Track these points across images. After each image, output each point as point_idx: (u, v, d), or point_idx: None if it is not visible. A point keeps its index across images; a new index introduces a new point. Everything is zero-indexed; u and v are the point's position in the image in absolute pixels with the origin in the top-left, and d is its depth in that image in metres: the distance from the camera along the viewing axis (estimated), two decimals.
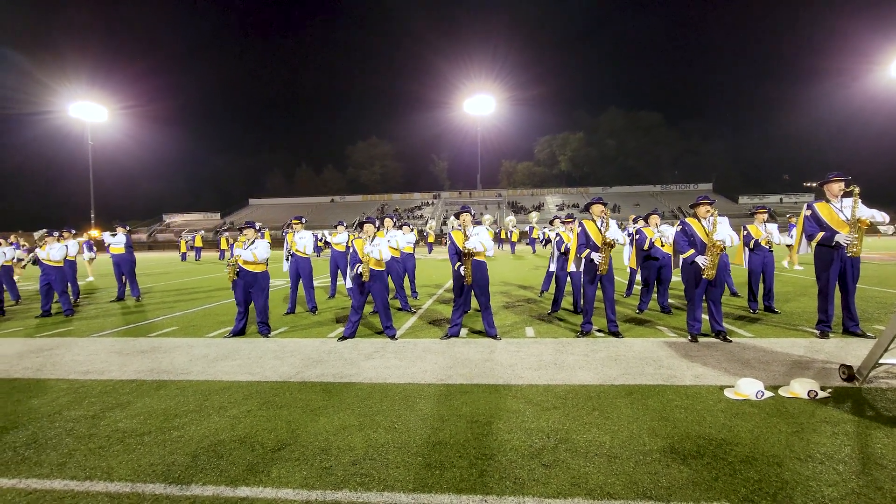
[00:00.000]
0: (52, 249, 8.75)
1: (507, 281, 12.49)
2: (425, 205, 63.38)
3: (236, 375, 4.72)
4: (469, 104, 63.65)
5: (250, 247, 6.32)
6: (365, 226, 6.20)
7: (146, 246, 51.69)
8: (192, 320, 7.85)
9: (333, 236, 9.28)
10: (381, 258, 6.05)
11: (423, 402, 3.89)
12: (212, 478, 2.75)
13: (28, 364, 5.36)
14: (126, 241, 10.42)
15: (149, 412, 3.80)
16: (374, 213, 60.03)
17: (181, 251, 27.49)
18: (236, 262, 6.28)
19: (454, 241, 6.07)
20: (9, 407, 4.02)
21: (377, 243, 6.08)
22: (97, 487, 2.68)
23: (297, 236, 8.33)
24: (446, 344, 5.81)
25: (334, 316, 7.95)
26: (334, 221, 10.19)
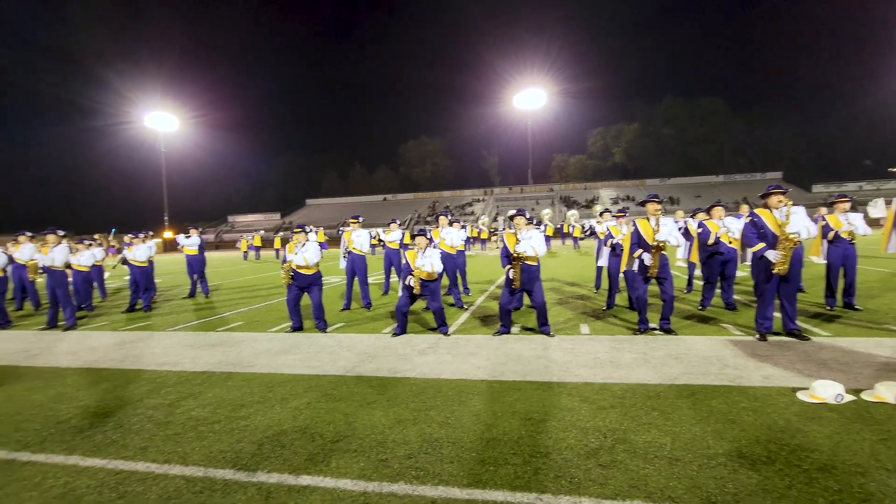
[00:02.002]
0: (137, 250, 9.48)
1: (558, 277, 12.25)
2: (476, 201, 63.25)
3: (297, 369, 4.92)
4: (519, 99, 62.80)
5: (301, 251, 6.53)
6: (416, 238, 6.25)
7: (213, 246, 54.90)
8: (255, 316, 8.26)
9: (387, 234, 9.46)
10: (432, 271, 6.10)
11: (475, 398, 3.89)
12: (276, 466, 2.88)
13: (114, 355, 5.84)
14: (199, 243, 11.08)
15: (218, 402, 4.03)
16: (427, 210, 60.61)
17: (243, 251, 28.92)
18: (290, 267, 6.52)
19: (506, 243, 6.02)
20: (99, 394, 4.39)
21: (428, 255, 6.13)
22: (174, 471, 2.88)
23: (354, 234, 8.55)
24: (499, 340, 5.78)
25: (388, 312, 8.10)
26: (387, 220, 10.38)
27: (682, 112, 72.49)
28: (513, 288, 5.88)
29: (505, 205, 58.98)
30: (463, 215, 56.32)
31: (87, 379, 4.90)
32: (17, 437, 3.47)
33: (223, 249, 50.00)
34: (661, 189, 57.09)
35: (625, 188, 61.50)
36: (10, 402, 4.24)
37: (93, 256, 9.74)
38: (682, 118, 72.40)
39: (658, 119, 74.27)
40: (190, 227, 11.48)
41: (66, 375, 5.05)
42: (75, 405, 4.11)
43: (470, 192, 67.81)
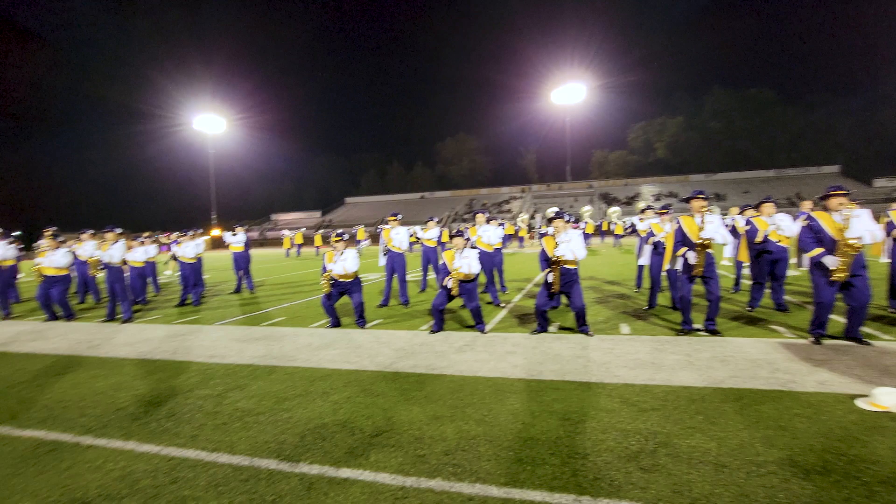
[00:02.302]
0: (186, 248, 9.94)
1: (597, 276, 12.00)
2: (513, 198, 62.72)
3: (337, 364, 5.04)
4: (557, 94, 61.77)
5: (340, 260, 6.64)
6: (454, 239, 6.26)
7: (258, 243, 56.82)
8: (297, 311, 8.50)
9: (425, 231, 9.52)
10: (469, 272, 6.09)
11: (513, 396, 3.87)
12: (317, 458, 2.96)
13: (167, 347, 6.15)
14: (244, 240, 11.49)
15: (263, 394, 4.18)
16: (464, 208, 60.60)
17: (285, 248, 29.82)
18: (330, 277, 6.64)
19: (545, 247, 5.95)
20: (153, 384, 4.64)
21: (466, 256, 6.13)
22: (222, 459, 3.01)
23: (392, 232, 8.66)
24: (536, 339, 5.72)
25: (425, 309, 8.16)
26: (424, 217, 10.45)
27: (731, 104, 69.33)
28: (552, 291, 5.81)
29: (542, 202, 58.22)
30: (500, 213, 55.98)
31: (143, 369, 5.18)
32: (82, 422, 3.72)
33: (267, 247, 51.63)
34: (706, 185, 54.89)
35: (667, 184, 59.46)
36: (76, 389, 4.54)
37: (146, 253, 10.26)
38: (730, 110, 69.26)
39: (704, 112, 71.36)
40: (236, 225, 11.92)
41: (124, 365, 5.36)
42: (132, 393, 4.36)
43: (507, 189, 67.30)
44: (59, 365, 5.49)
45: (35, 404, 4.17)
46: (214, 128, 59.27)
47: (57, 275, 8.43)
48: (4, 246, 9.49)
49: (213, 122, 58.90)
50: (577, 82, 60.94)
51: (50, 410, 4.00)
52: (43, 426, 3.67)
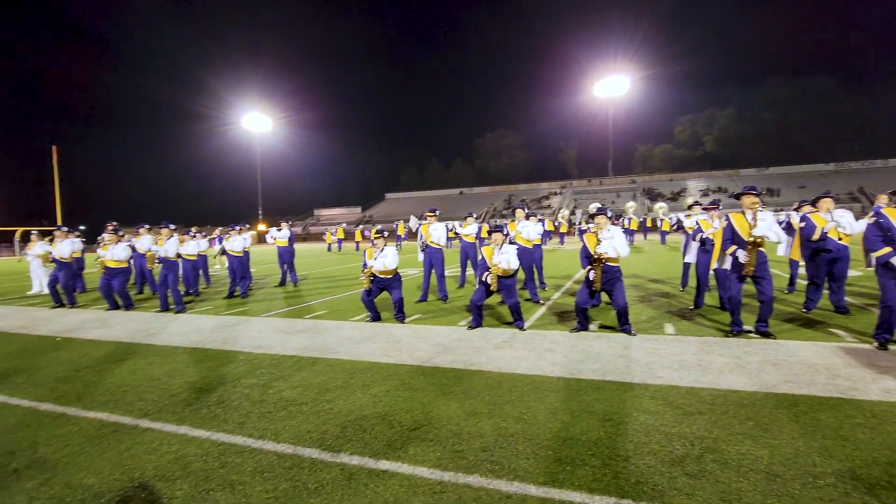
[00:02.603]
0: (234, 242, 10.34)
1: (641, 273, 11.65)
2: (553, 194, 61.73)
3: (377, 357, 5.12)
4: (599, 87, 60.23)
5: (381, 256, 6.73)
6: (493, 234, 6.22)
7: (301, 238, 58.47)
8: (338, 305, 8.69)
9: (463, 227, 9.52)
10: (508, 268, 6.04)
11: (552, 395, 3.81)
12: (357, 449, 3.02)
13: (216, 337, 6.42)
14: (289, 235, 11.85)
15: (306, 385, 4.30)
16: (503, 204, 60.18)
17: (327, 243, 30.53)
18: (370, 273, 6.74)
19: (586, 244, 5.82)
20: (204, 372, 4.86)
21: (505, 251, 6.08)
22: (268, 447, 3.12)
23: (431, 228, 8.69)
24: (576, 337, 5.61)
25: (463, 305, 8.16)
26: (463, 213, 10.45)
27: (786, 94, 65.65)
28: (593, 289, 5.68)
29: (583, 198, 57.01)
30: (539, 208, 55.24)
31: (194, 357, 5.43)
32: (140, 406, 3.94)
33: (310, 241, 53.05)
34: (758, 180, 52.18)
35: (716, 179, 56.94)
36: (134, 375, 4.82)
37: (197, 246, 10.74)
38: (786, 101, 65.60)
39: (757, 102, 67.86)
40: (281, 220, 12.29)
41: (177, 353, 5.63)
42: (185, 380, 4.58)
43: (546, 184, 66.29)
44: (119, 351, 5.84)
45: (98, 388, 4.45)
46: (261, 126, 61.35)
47: (118, 267, 8.95)
48: (71, 241, 10.17)
49: (260, 120, 60.99)
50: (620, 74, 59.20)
51: (111, 394, 4.26)
52: (105, 408, 3.91)
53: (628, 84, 59.34)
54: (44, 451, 3.18)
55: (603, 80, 59.62)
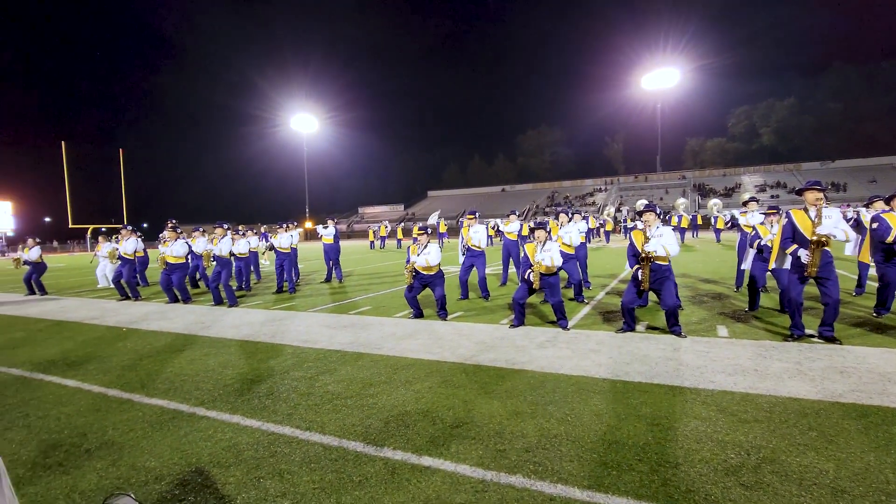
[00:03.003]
0: (282, 239, 10.71)
1: (691, 273, 11.17)
2: (597, 191, 60.25)
3: (419, 354, 5.16)
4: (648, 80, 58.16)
5: (424, 253, 6.77)
6: (536, 232, 6.13)
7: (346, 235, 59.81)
8: (382, 301, 8.83)
9: (506, 225, 9.44)
10: (551, 265, 5.94)
11: (597, 396, 3.72)
12: (400, 444, 3.06)
13: (266, 331, 6.67)
14: (335, 233, 12.15)
15: (350, 379, 4.39)
16: (545, 201, 59.31)
17: (370, 240, 31.08)
18: (413, 268, 6.80)
19: (633, 242, 5.63)
20: (255, 364, 5.05)
21: (548, 249, 5.98)
22: (314, 438, 3.20)
23: (471, 231, 8.67)
24: (622, 338, 5.45)
25: (505, 303, 8.10)
26: (505, 211, 10.37)
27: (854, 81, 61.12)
28: (640, 289, 5.50)
29: (629, 194, 55.31)
30: (584, 206, 54.05)
31: (245, 350, 5.66)
32: (196, 395, 4.14)
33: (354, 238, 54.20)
34: (822, 174, 48.86)
35: (774, 173, 53.82)
36: (191, 365, 5.08)
37: (248, 244, 11.19)
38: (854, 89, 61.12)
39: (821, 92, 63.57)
40: (327, 218, 12.62)
41: (230, 346, 5.89)
42: (237, 371, 4.78)
43: (591, 181, 64.76)
44: (177, 342, 6.17)
45: (159, 376, 4.72)
46: (308, 127, 63.19)
47: (176, 263, 9.47)
48: (135, 240, 10.85)
49: (307, 121, 62.84)
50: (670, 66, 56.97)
51: (171, 382, 4.51)
52: (165, 396, 4.14)
53: (678, 76, 57.01)
54: (112, 434, 3.41)
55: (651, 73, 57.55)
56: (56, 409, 3.92)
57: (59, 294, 11.87)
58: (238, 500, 2.50)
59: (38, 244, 11.98)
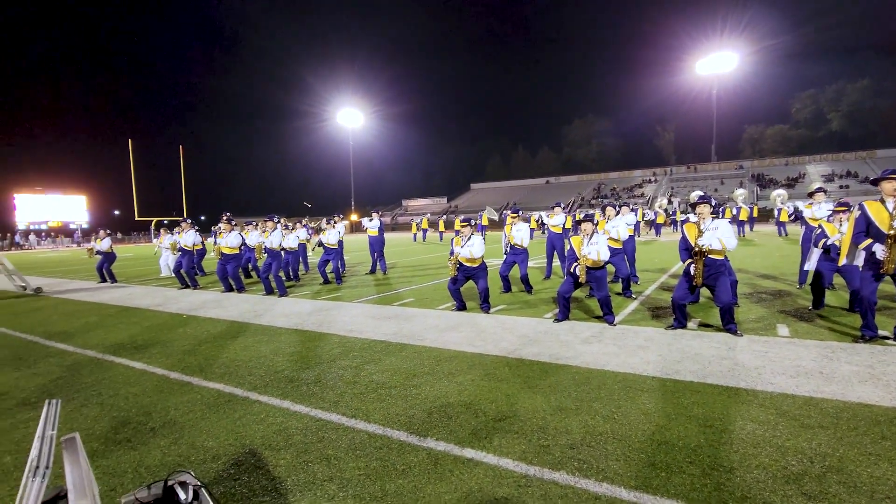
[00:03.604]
0: (329, 235, 10.99)
1: (749, 268, 10.59)
2: (646, 182, 58.08)
3: (462, 346, 5.17)
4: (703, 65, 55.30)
5: (468, 245, 6.74)
6: (582, 224, 5.98)
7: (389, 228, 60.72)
8: (425, 293, 8.90)
9: (550, 218, 9.27)
10: (598, 259, 5.79)
11: (645, 395, 3.60)
12: (443, 435, 3.08)
13: (313, 320, 6.88)
14: (379, 226, 12.34)
15: (394, 369, 4.46)
16: (591, 193, 57.86)
17: (413, 232, 31.34)
18: (457, 260, 6.80)
19: (686, 235, 5.39)
20: (304, 352, 5.23)
21: (595, 242, 5.82)
22: (360, 426, 3.28)
23: (514, 229, 8.54)
24: (672, 335, 5.25)
25: (549, 297, 7.98)
26: (549, 203, 10.21)
27: None
28: (693, 284, 5.26)
29: (681, 185, 53.03)
30: (631, 197, 52.33)
31: (295, 338, 5.86)
32: (249, 380, 4.33)
33: (398, 231, 54.89)
34: None
35: (844, 162, 50.00)
36: (245, 352, 5.31)
37: (297, 238, 11.55)
38: None
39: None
40: (372, 211, 12.83)
41: (281, 334, 6.12)
42: (287, 359, 4.96)
43: (640, 172, 62.47)
44: (232, 329, 6.47)
45: (216, 361, 4.97)
46: (354, 121, 64.37)
47: (231, 253, 9.91)
48: (193, 233, 11.44)
49: (353, 115, 64.01)
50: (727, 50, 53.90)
51: (226, 367, 4.74)
52: (221, 380, 4.35)
53: (736, 60, 53.84)
54: (173, 413, 3.62)
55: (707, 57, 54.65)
56: (125, 389, 4.21)
57: (127, 282, 12.71)
58: (288, 482, 2.60)
59: (108, 235, 12.86)
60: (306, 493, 2.49)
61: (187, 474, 1.18)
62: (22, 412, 3.77)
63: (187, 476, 1.17)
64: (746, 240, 19.49)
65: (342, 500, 2.42)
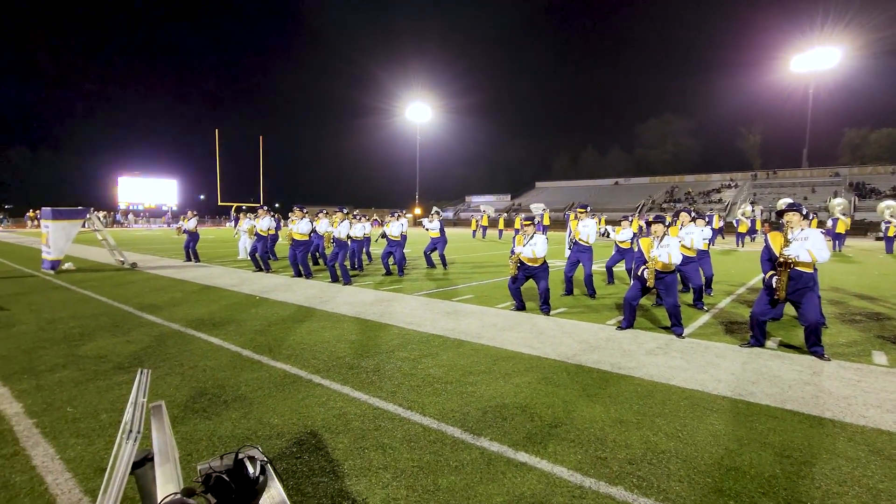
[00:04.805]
0: (393, 227, 11.24)
1: (843, 286, 9.63)
2: (726, 187, 54.30)
3: (519, 347, 5.11)
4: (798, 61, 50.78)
5: (530, 244, 6.62)
6: (653, 226, 5.70)
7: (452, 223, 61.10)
8: (484, 291, 8.88)
9: (617, 232, 8.92)
10: (669, 262, 5.48)
11: (714, 415, 3.38)
12: (497, 436, 3.06)
13: (375, 310, 7.07)
14: (440, 227, 12.48)
15: (451, 365, 4.49)
16: (663, 197, 55.05)
17: (472, 229, 31.23)
18: (518, 259, 6.69)
19: (769, 245, 4.98)
20: (364, 340, 5.39)
21: (666, 244, 5.51)
22: (415, 418, 3.33)
23: (580, 224, 8.30)
24: (748, 353, 4.89)
25: (613, 303, 7.69)
26: (617, 205, 9.87)
27: None
28: (775, 298, 4.86)
29: (765, 192, 49.15)
30: (708, 202, 49.21)
31: (357, 326, 6.05)
32: (313, 363, 4.53)
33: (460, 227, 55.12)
34: None
35: None
36: (310, 336, 5.56)
37: (363, 229, 11.91)
38: None
39: None
40: (432, 211, 12.94)
41: (343, 321, 6.34)
42: (348, 346, 5.14)
43: (719, 176, 58.46)
44: (299, 313, 6.79)
45: (284, 343, 5.24)
46: (422, 116, 65.18)
47: (301, 239, 10.41)
48: (269, 219, 12.13)
49: (421, 110, 64.82)
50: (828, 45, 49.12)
51: (293, 349, 4.98)
52: (288, 361, 4.59)
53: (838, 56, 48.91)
54: (244, 389, 3.86)
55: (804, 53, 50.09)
56: (203, 362, 4.55)
57: (209, 262, 13.70)
58: (345, 466, 2.69)
59: (195, 216, 13.92)
60: (361, 479, 2.57)
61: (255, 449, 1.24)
62: (117, 375, 4.18)
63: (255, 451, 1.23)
64: (842, 255, 17.73)
65: (395, 490, 2.47)
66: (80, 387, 3.89)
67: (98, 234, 12.69)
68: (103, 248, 13.59)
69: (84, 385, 3.93)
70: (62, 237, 11.27)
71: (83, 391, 3.80)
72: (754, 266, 13.36)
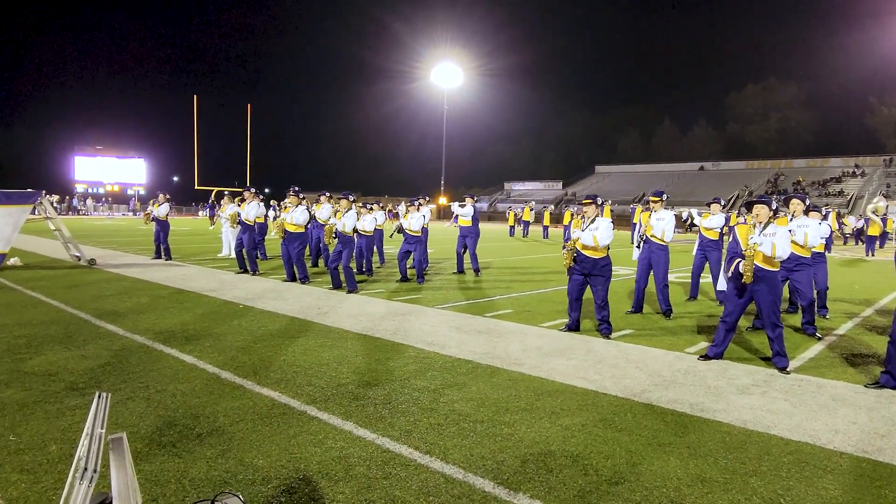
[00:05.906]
0: (412, 220, 11.31)
1: None
2: (848, 175, 52.64)
3: (570, 378, 5.07)
4: None
5: (591, 228, 6.55)
6: (755, 207, 5.54)
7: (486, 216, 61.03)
8: (526, 304, 8.85)
9: (704, 218, 8.75)
10: (773, 254, 5.29)
11: (829, 477, 3.28)
12: (540, 493, 3.04)
13: (387, 325, 7.13)
14: (474, 213, 12.41)
15: (482, 399, 4.49)
16: (764, 187, 53.73)
17: (509, 225, 31.02)
18: (573, 246, 6.63)
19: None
20: (373, 364, 5.44)
21: (772, 233, 5.34)
22: (434, 465, 3.34)
23: (654, 218, 8.17)
24: (877, 396, 4.73)
25: (695, 324, 7.55)
26: (701, 195, 9.64)
27: None
28: None
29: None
30: (825, 195, 47.78)
31: (364, 345, 6.12)
32: (308, 391, 4.60)
33: (496, 221, 55.02)
34: None
35: None
36: (305, 356, 5.65)
37: (374, 220, 12.04)
38: None
39: None
40: (465, 195, 12.98)
41: (347, 338, 6.42)
42: (353, 370, 5.20)
43: (839, 161, 56.77)
44: (292, 327, 6.92)
45: (272, 364, 5.34)
46: (451, 80, 65.35)
47: (296, 231, 10.59)
48: (257, 204, 12.37)
49: (450, 72, 65.00)
50: None
51: (283, 373, 5.08)
52: (277, 387, 4.67)
53: None
54: (222, 421, 3.95)
55: None
56: (173, 385, 4.67)
57: (183, 261, 14.10)
58: None
59: (167, 201, 14.35)
60: None
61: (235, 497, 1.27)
62: (70, 398, 4.33)
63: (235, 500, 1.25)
64: None
65: None
66: (24, 410, 4.05)
67: (50, 222, 13.22)
68: (56, 241, 14.15)
69: (30, 409, 4.09)
70: (8, 226, 11.77)
71: (28, 416, 3.96)
72: (886, 279, 12.89)
